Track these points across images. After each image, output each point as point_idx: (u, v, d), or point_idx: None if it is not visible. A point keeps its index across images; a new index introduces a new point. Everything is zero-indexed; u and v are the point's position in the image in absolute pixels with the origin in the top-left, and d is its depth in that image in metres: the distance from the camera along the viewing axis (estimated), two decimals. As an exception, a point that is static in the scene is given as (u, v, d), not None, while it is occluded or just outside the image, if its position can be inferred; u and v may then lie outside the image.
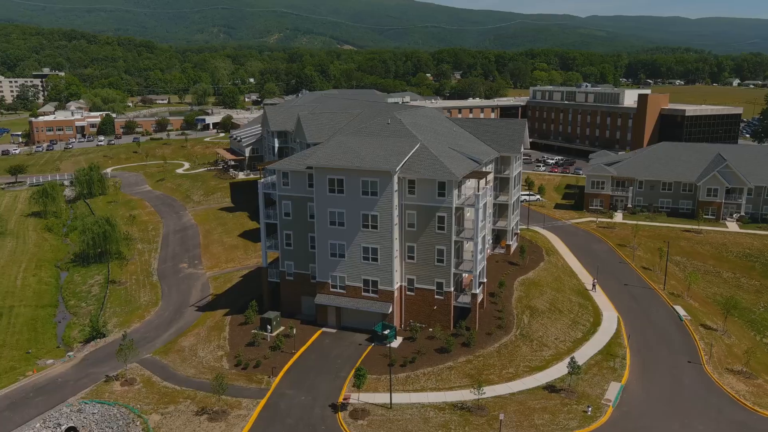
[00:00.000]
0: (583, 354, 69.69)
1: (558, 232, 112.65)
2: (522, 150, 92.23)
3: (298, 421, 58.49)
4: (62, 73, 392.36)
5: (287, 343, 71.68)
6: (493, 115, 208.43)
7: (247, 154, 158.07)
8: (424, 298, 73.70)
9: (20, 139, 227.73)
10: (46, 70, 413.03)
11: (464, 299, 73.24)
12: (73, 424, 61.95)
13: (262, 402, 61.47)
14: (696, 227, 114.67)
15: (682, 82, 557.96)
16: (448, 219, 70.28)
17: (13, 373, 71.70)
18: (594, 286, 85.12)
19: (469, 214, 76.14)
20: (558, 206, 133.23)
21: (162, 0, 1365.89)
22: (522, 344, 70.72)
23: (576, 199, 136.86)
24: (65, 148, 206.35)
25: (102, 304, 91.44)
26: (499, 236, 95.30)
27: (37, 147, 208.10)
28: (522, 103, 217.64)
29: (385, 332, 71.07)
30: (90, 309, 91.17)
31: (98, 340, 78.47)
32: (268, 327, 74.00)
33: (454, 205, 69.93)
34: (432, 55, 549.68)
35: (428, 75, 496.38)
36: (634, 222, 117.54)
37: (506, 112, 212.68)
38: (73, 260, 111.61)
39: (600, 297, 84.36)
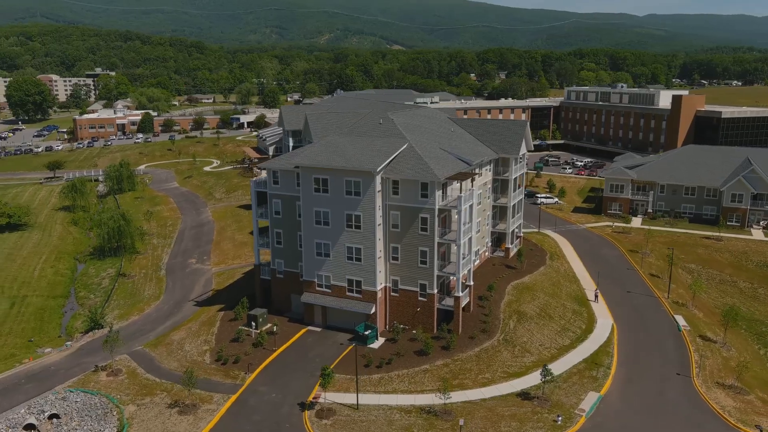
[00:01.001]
0: (567, 362, 67.88)
1: (570, 236, 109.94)
2: (522, 152, 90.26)
3: (265, 418, 59.00)
4: (113, 73, 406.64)
5: (270, 341, 72.37)
6: (523, 116, 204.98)
7: (270, 153, 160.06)
8: (408, 300, 73.18)
9: (65, 136, 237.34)
10: (98, 70, 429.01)
11: (448, 302, 72.36)
12: (56, 411, 64.15)
13: (233, 398, 62.28)
14: (716, 234, 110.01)
15: (740, 83, 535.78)
16: (431, 220, 69.58)
17: (12, 360, 74.82)
18: (596, 297, 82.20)
19: (457, 215, 75.10)
20: (576, 210, 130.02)
21: (217, 2, 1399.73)
22: (504, 349, 69.36)
23: (597, 202, 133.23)
24: (104, 145, 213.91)
25: (108, 296, 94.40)
26: (499, 239, 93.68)
27: (78, 144, 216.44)
28: (554, 104, 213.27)
29: (366, 333, 70.92)
30: (97, 300, 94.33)
31: (96, 331, 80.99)
32: (253, 324, 74.87)
33: (437, 207, 69.17)
34: (477, 55, 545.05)
35: (472, 75, 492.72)
36: (651, 227, 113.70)
37: (538, 112, 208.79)
38: (91, 253, 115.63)
39: (598, 304, 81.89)
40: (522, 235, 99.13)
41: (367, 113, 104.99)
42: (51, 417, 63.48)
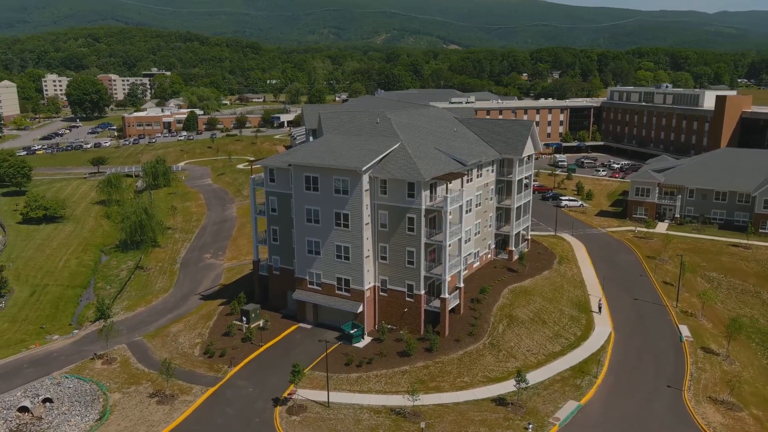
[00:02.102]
0: (552, 369, 66.06)
1: (587, 240, 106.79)
2: (527, 153, 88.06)
3: (238, 412, 59.91)
4: (168, 73, 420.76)
5: (258, 336, 73.38)
6: (561, 117, 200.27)
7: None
8: (396, 300, 72.81)
9: (115, 133, 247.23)
10: (154, 70, 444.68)
11: (436, 303, 71.54)
12: (49, 396, 67.00)
13: (211, 390, 63.49)
14: (744, 242, 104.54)
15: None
16: (418, 220, 69.01)
17: (20, 345, 78.56)
18: (600, 308, 79.01)
19: (451, 216, 74.21)
20: (602, 213, 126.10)
21: (277, 3, 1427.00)
22: (488, 354, 68.05)
23: (624, 206, 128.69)
24: (149, 142, 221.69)
25: (122, 287, 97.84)
26: (505, 241, 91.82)
27: (125, 141, 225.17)
28: (595, 105, 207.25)
29: (352, 332, 70.98)
30: (112, 291, 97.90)
31: (102, 320, 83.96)
32: (244, 319, 76.10)
33: (424, 207, 68.52)
34: (531, 54, 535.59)
35: (523, 75, 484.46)
36: (677, 233, 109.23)
37: (577, 113, 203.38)
38: (116, 246, 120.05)
39: (601, 314, 79.19)
40: (530, 237, 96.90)
41: (381, 112, 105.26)
42: (45, 401, 66.26)
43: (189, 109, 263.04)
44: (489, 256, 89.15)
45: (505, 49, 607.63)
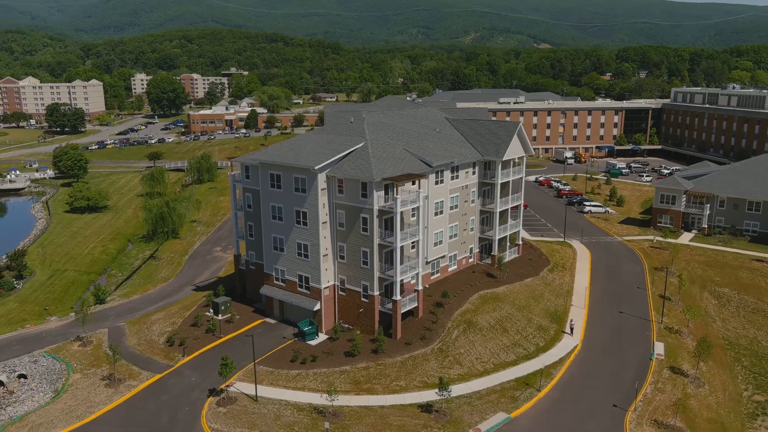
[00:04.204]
0: (496, 378, 63.82)
1: (596, 247, 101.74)
2: (512, 156, 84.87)
3: (172, 399, 61.94)
4: (245, 72, 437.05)
5: (222, 328, 75.45)
6: (616, 119, 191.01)
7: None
8: (353, 300, 72.68)
9: (182, 130, 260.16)
10: (233, 70, 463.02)
11: (389, 305, 70.79)
12: (24, 372, 72.13)
13: (157, 377, 66.02)
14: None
15: None
16: (371, 221, 68.56)
17: (19, 324, 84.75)
18: (572, 329, 73.55)
19: (414, 217, 73.25)
20: (627, 221, 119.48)
21: (368, 4, 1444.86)
22: (433, 359, 66.57)
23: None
24: (208, 138, 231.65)
25: (130, 275, 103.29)
26: (491, 246, 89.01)
27: (186, 137, 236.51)
28: (654, 106, 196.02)
29: (305, 329, 71.60)
30: (121, 278, 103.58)
31: (98, 305, 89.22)
32: (212, 311, 78.46)
33: (376, 207, 68.00)
34: (617, 53, 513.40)
35: (606, 75, 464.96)
36: (699, 245, 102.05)
37: (633, 115, 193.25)
38: (143, 236, 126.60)
39: (577, 324, 75.47)
40: (521, 243, 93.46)
41: (356, 112, 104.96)
42: (19, 376, 71.28)
43: (250, 108, 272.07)
44: (471, 260, 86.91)
45: (589, 47, 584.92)
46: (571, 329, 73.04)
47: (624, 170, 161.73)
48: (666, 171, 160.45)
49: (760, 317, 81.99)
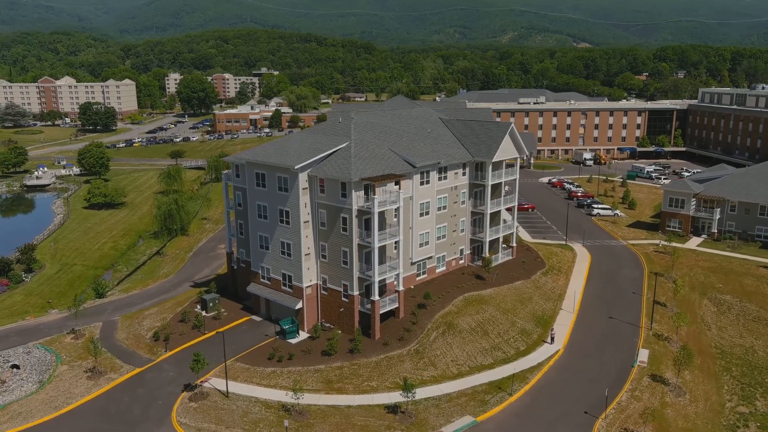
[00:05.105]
0: (469, 381, 63.25)
1: (598, 251, 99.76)
2: (501, 158, 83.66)
3: (147, 393, 63.11)
4: (276, 72, 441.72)
5: (208, 324, 76.55)
6: (639, 120, 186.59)
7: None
8: (334, 299, 72.90)
9: (208, 129, 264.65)
10: (264, 70, 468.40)
11: (369, 306, 70.75)
12: (18, 363, 74.55)
13: (136, 371, 67.37)
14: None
15: None
16: (350, 221, 68.65)
17: (20, 316, 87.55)
18: (552, 339, 71.70)
19: (396, 218, 73.05)
20: (636, 224, 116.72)
21: (405, 3, 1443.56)
22: (408, 360, 66.28)
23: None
24: (231, 138, 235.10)
25: (134, 270, 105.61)
26: (483, 247, 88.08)
27: (210, 136, 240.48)
28: (679, 107, 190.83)
29: (286, 327, 72.13)
30: (126, 273, 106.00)
31: (96, 299, 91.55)
32: (199, 306, 79.68)
33: (355, 207, 68.05)
34: (654, 53, 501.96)
35: (642, 75, 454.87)
36: (706, 250, 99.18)
37: (657, 116, 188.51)
38: (154, 233, 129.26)
39: (561, 329, 74.16)
40: (515, 245, 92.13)
41: (346, 112, 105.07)
42: (12, 366, 73.75)
43: (275, 108, 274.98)
44: (461, 262, 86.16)
45: (625, 47, 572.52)
46: (552, 338, 71.44)
47: (653, 174, 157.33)
48: (686, 174, 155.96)
49: (760, 326, 79.24)
